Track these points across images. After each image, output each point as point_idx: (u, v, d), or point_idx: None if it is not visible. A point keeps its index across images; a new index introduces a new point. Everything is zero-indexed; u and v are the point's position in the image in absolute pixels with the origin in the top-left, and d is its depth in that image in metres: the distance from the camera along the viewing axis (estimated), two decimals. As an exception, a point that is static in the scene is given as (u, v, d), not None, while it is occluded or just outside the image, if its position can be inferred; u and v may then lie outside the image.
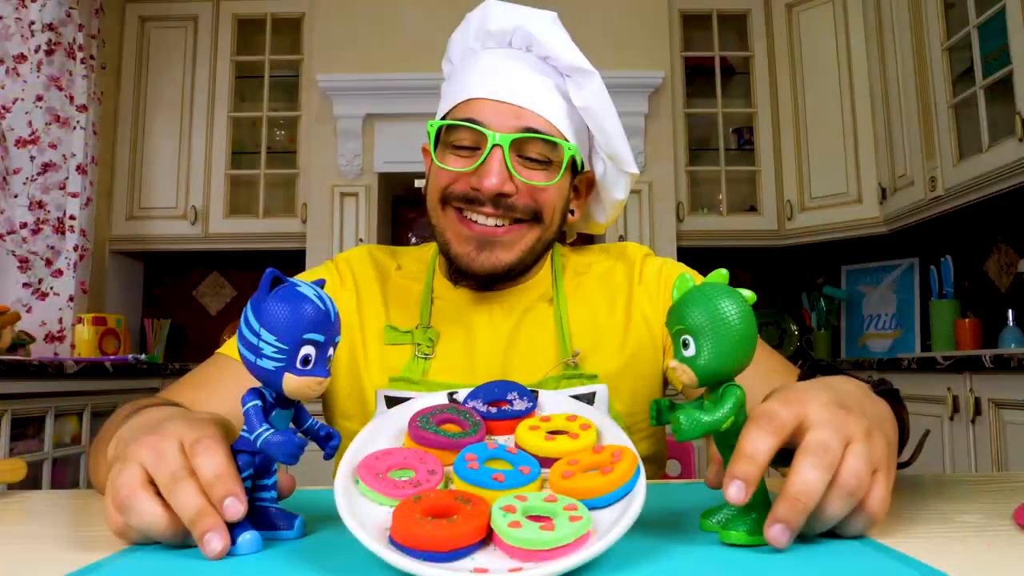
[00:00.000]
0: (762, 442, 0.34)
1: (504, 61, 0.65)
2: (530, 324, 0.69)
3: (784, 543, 0.34)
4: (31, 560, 0.36)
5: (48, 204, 2.17)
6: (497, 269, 0.65)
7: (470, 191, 0.64)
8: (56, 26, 2.16)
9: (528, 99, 0.63)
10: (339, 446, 0.40)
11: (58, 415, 1.63)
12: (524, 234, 0.66)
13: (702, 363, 0.36)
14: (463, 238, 0.65)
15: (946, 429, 1.62)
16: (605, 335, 0.70)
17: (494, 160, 0.62)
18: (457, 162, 0.64)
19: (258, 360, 0.36)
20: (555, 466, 0.39)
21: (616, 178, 0.71)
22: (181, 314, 2.79)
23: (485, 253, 0.64)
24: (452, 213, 0.66)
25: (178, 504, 0.35)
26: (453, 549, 0.31)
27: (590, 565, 0.32)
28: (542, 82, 0.64)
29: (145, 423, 0.43)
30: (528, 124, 0.63)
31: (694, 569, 0.33)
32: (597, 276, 0.74)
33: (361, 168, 2.48)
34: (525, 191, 0.64)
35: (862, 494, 0.35)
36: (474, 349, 0.68)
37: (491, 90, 0.63)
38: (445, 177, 0.65)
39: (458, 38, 0.70)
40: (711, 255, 2.65)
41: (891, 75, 2.18)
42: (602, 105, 0.66)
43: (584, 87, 0.65)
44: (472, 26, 0.68)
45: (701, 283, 0.37)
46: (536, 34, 0.64)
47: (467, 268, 0.66)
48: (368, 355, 0.69)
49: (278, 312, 0.35)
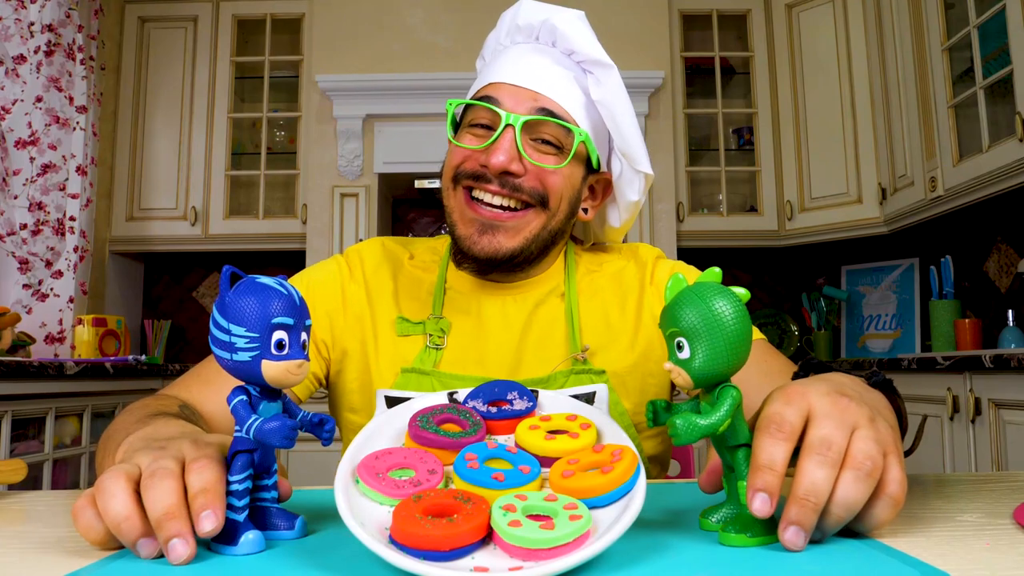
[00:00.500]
0: (777, 450, 0.35)
1: (529, 53, 0.67)
2: (541, 317, 0.70)
3: (800, 545, 0.34)
4: (31, 561, 0.36)
5: (48, 205, 2.17)
6: (498, 254, 0.65)
7: (478, 168, 0.65)
8: (55, 27, 2.16)
9: (546, 86, 0.65)
10: (334, 430, 0.40)
11: (58, 416, 1.63)
12: (530, 220, 0.66)
13: (697, 366, 0.36)
14: (468, 220, 0.66)
15: (946, 429, 1.62)
16: (615, 332, 0.70)
17: (504, 139, 0.63)
18: (472, 140, 0.66)
19: (234, 356, 0.36)
20: (555, 465, 0.39)
21: (631, 179, 0.71)
22: (181, 315, 2.79)
23: (487, 237, 0.65)
24: (461, 194, 0.66)
25: (149, 500, 0.34)
26: (453, 548, 0.31)
27: (590, 564, 0.32)
28: (563, 74, 0.66)
29: (155, 436, 0.43)
30: (543, 106, 0.64)
31: (693, 568, 0.33)
32: (609, 275, 0.74)
33: (361, 169, 2.48)
34: (533, 173, 0.65)
35: (878, 474, 0.35)
36: (485, 341, 0.68)
37: (512, 76, 0.65)
38: (458, 155, 0.66)
39: (491, 38, 0.73)
40: (711, 255, 2.65)
41: (891, 75, 2.18)
42: (618, 99, 0.67)
43: (603, 82, 0.66)
44: (505, 24, 0.70)
45: (694, 283, 0.37)
46: (562, 28, 0.66)
47: (468, 250, 0.66)
48: (379, 347, 0.69)
49: (242, 304, 0.36)
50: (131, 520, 0.34)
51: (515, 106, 0.64)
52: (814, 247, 2.58)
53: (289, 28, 2.66)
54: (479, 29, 2.46)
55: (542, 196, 0.65)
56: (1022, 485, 0.52)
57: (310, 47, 2.55)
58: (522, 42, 0.69)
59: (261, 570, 0.33)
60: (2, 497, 0.54)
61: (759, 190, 2.56)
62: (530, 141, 0.65)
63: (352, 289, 0.72)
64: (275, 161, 2.66)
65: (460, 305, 0.70)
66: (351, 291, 0.72)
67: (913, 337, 2.39)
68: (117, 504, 0.34)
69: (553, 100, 0.65)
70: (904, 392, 1.81)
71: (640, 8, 2.51)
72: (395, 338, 0.69)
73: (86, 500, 0.36)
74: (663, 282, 0.73)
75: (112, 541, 0.36)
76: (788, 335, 2.71)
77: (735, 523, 0.36)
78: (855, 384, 0.41)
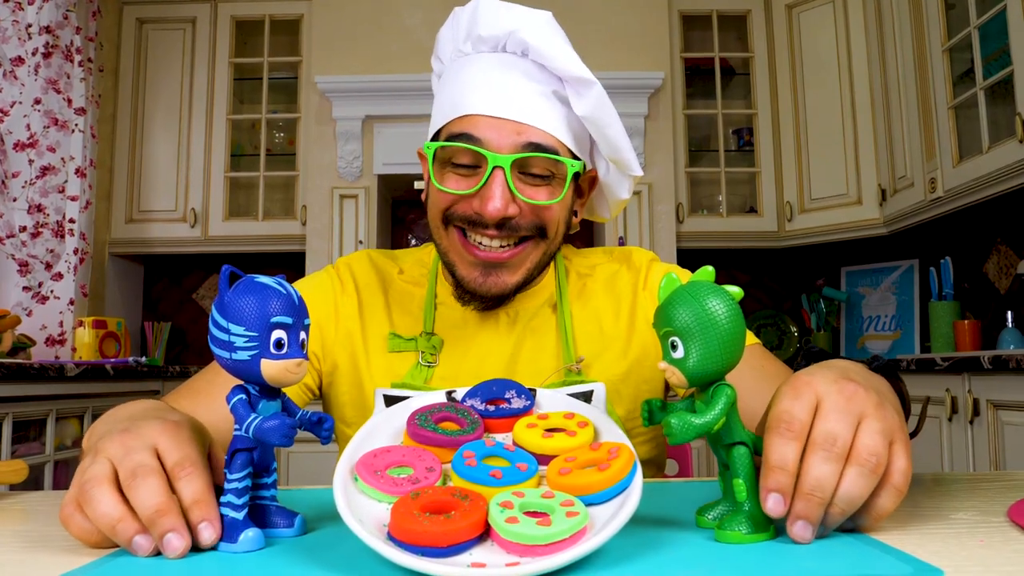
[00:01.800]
0: (788, 449, 0.35)
1: (499, 70, 0.62)
2: (534, 331, 0.69)
3: (808, 538, 0.35)
4: (31, 560, 0.36)
5: (47, 207, 2.17)
6: (505, 291, 0.65)
7: (472, 214, 0.62)
8: (53, 28, 2.17)
9: (528, 113, 0.61)
10: (332, 428, 0.40)
11: (59, 418, 1.63)
12: (529, 252, 0.65)
13: (691, 365, 0.36)
14: (468, 263, 0.64)
15: (944, 430, 1.63)
16: (609, 340, 0.70)
17: (495, 183, 0.60)
18: (458, 182, 0.62)
19: (233, 355, 0.36)
20: (552, 463, 0.39)
21: (619, 179, 0.70)
22: (181, 317, 2.79)
23: (492, 277, 0.64)
24: (455, 234, 0.64)
25: (137, 500, 0.35)
26: (451, 544, 0.32)
27: (586, 560, 0.33)
28: (540, 91, 0.62)
29: (121, 417, 0.43)
30: (529, 140, 0.61)
31: (689, 564, 0.33)
32: (602, 280, 0.73)
33: (360, 170, 2.48)
34: (528, 211, 0.62)
35: (882, 470, 0.36)
36: (478, 357, 0.68)
37: (488, 105, 0.61)
38: (445, 199, 0.63)
39: (447, 35, 0.67)
40: (711, 256, 2.65)
41: (891, 76, 2.18)
42: (604, 112, 0.63)
43: (584, 96, 0.62)
44: (463, 25, 0.65)
45: (687, 283, 0.37)
46: (531, 40, 0.61)
47: (475, 292, 0.65)
48: (371, 362, 0.69)
49: (241, 303, 0.36)
50: (124, 522, 0.35)
51: (499, 142, 0.60)
52: (814, 248, 2.58)
53: (288, 29, 2.66)
54: (478, 31, 2.47)
55: (540, 228, 0.64)
56: (1017, 484, 0.52)
57: (309, 48, 2.56)
58: (487, 52, 0.64)
59: (261, 567, 0.33)
60: (4, 497, 0.55)
61: (759, 191, 2.56)
62: (519, 175, 0.62)
63: (344, 302, 0.71)
64: (274, 163, 2.67)
65: (453, 321, 0.69)
66: (343, 304, 0.71)
67: (912, 338, 2.39)
68: (105, 508, 0.35)
69: (538, 129, 0.61)
70: (903, 392, 1.81)
71: (640, 8, 2.51)
72: (387, 354, 0.68)
73: (72, 507, 0.36)
74: (657, 286, 0.72)
75: (108, 540, 0.36)
76: (787, 336, 2.72)
77: (731, 520, 0.36)
78: (860, 369, 0.42)
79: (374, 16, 2.51)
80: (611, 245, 2.47)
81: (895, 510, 0.37)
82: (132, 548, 0.35)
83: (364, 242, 2.46)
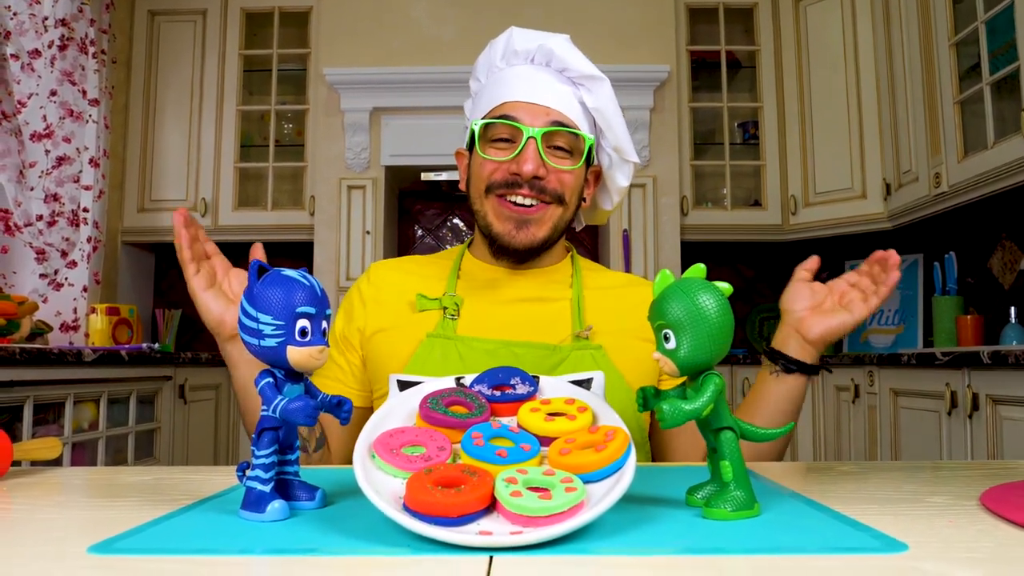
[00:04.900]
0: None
1: (531, 72, 0.78)
2: (549, 295, 0.80)
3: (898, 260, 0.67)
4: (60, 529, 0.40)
5: (63, 197, 2.21)
6: (534, 243, 0.78)
7: (510, 176, 0.76)
8: (68, 21, 2.20)
9: (554, 100, 0.76)
10: (351, 411, 0.44)
11: (76, 402, 1.68)
12: (552, 213, 0.78)
13: (682, 355, 0.39)
14: (503, 218, 0.77)
15: (944, 424, 1.65)
16: (616, 323, 0.79)
17: (529, 149, 0.74)
18: (498, 153, 0.77)
19: (261, 342, 0.40)
20: (554, 444, 0.42)
21: (620, 167, 0.83)
22: (190, 305, 2.82)
23: (523, 231, 0.77)
24: (494, 199, 0.78)
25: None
26: (461, 515, 0.35)
27: (583, 531, 0.36)
28: (564, 89, 0.78)
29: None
30: (555, 119, 0.76)
31: (677, 537, 0.36)
32: (615, 294, 0.83)
33: (368, 161, 2.51)
34: (554, 175, 0.76)
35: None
36: (497, 312, 0.78)
37: (524, 94, 0.76)
38: (488, 167, 0.77)
39: (483, 60, 0.83)
40: (715, 249, 2.67)
41: (898, 70, 2.18)
42: (611, 105, 0.79)
43: (596, 92, 0.78)
44: (498, 49, 0.81)
45: (680, 279, 0.40)
46: (558, 52, 0.77)
47: (508, 244, 0.77)
48: (401, 324, 0.78)
49: (269, 295, 0.40)
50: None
51: (532, 121, 0.75)
52: (818, 242, 2.59)
53: (297, 21, 2.68)
54: (482, 23, 2.48)
55: (560, 195, 0.78)
56: (996, 472, 0.55)
57: (318, 40, 2.58)
58: (519, 64, 0.80)
59: (287, 535, 0.37)
60: (40, 472, 0.58)
61: (763, 184, 2.57)
62: (547, 148, 0.76)
63: (369, 293, 0.82)
64: (283, 153, 2.70)
65: (474, 287, 0.80)
66: (367, 295, 0.82)
67: (916, 333, 2.40)
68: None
69: (562, 112, 0.76)
70: (903, 387, 1.84)
71: (646, 2, 2.52)
72: (414, 314, 0.78)
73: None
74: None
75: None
76: (791, 329, 2.73)
77: (718, 499, 0.39)
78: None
79: (380, 9, 2.53)
80: (615, 237, 2.50)
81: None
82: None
83: (371, 232, 2.49)
